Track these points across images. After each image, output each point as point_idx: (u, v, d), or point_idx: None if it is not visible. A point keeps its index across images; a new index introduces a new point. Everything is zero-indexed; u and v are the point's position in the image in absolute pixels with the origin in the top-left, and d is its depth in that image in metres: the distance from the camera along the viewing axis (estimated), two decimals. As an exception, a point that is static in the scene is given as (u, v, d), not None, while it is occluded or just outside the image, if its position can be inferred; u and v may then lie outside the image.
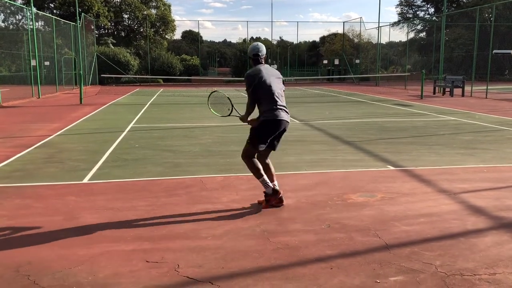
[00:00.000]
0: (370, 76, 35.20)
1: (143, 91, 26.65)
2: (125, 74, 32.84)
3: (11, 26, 36.20)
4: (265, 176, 4.86)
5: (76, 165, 7.00)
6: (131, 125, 11.59)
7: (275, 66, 34.35)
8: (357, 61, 40.59)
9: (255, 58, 4.92)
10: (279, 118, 4.80)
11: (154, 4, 44.75)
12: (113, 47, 36.81)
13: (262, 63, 4.94)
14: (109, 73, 29.01)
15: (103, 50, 34.84)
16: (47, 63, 27.09)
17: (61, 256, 3.68)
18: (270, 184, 4.87)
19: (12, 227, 4.35)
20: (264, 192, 4.89)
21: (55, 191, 5.50)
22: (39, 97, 20.87)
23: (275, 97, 4.83)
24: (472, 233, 4.17)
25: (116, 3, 41.95)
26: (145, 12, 42.60)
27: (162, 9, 44.69)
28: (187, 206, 4.98)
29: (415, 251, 3.76)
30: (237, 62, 43.24)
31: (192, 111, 15.15)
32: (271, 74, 4.90)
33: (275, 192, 4.87)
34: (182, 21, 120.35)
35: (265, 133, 4.86)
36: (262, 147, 4.88)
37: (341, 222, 4.45)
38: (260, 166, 4.89)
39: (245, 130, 10.37)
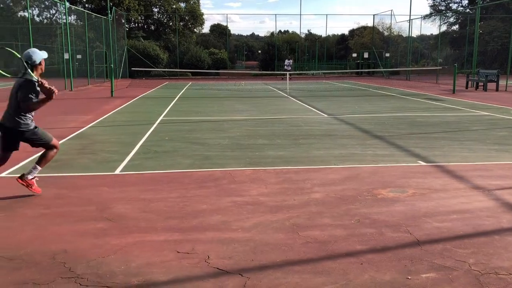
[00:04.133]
0: (400, 70, 34.55)
1: (172, 84, 26.93)
2: (154, 68, 33.22)
3: (45, 21, 37.13)
4: None
5: (108, 156, 7.16)
6: (161, 117, 11.74)
7: (291, 61, 33.98)
8: (387, 54, 39.88)
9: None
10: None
11: (183, -3, 45.01)
12: (143, 41, 37.27)
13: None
14: (139, 66, 29.39)
15: (134, 44, 35.33)
16: (79, 56, 27.68)
17: (95, 245, 3.78)
18: None
19: (48, 216, 4.49)
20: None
21: (88, 182, 5.64)
22: (71, 90, 21.36)
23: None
24: (507, 231, 4.07)
25: (146, -4, 42.36)
26: (174, 6, 42.93)
27: (191, 2, 44.93)
28: (216, 198, 5.03)
29: (447, 248, 3.69)
30: (264, 55, 43.08)
31: (220, 105, 15.23)
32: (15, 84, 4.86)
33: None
34: (211, 14, 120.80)
35: None
36: None
37: (371, 218, 4.41)
38: None
39: (274, 125, 10.40)
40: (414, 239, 3.90)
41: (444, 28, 42.84)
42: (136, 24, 42.78)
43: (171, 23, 43.04)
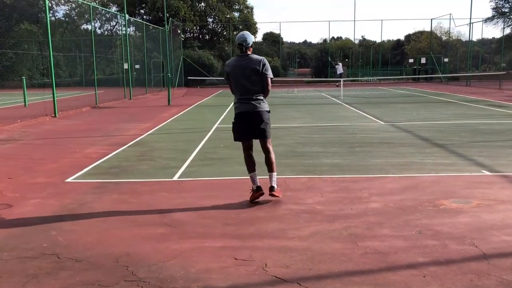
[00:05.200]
0: (460, 76, 33.20)
1: (226, 92, 27.30)
2: (209, 77, 33.87)
3: (106, 32, 38.91)
4: (253, 173, 5.19)
5: (166, 163, 7.35)
6: (216, 125, 11.93)
7: (340, 65, 33.40)
8: (446, 59, 38.48)
9: (239, 48, 5.09)
10: (238, 111, 5.09)
11: (237, 7, 45.66)
12: (198, 50, 38.13)
13: (243, 53, 5.06)
14: (194, 75, 30.07)
15: (189, 53, 36.22)
16: (137, 66, 28.76)
17: (156, 249, 3.88)
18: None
19: (111, 220, 4.67)
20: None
21: (148, 187, 5.81)
22: (130, 99, 22.20)
23: (240, 89, 5.04)
24: None
25: (201, 7, 43.39)
26: (228, 16, 43.66)
27: (245, 12, 45.50)
28: (272, 206, 5.03)
29: (518, 264, 3.48)
30: (317, 62, 42.84)
31: (274, 112, 15.22)
32: (244, 66, 4.99)
33: (258, 188, 5.13)
34: (264, 23, 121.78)
35: (234, 127, 5.21)
36: (239, 140, 5.24)
37: (433, 229, 4.25)
38: (251, 162, 5.23)
39: (328, 132, 10.28)
40: (480, 252, 3.71)
41: (508, 31, 40.80)
42: (192, 34, 43.84)
43: (225, 33, 43.76)
